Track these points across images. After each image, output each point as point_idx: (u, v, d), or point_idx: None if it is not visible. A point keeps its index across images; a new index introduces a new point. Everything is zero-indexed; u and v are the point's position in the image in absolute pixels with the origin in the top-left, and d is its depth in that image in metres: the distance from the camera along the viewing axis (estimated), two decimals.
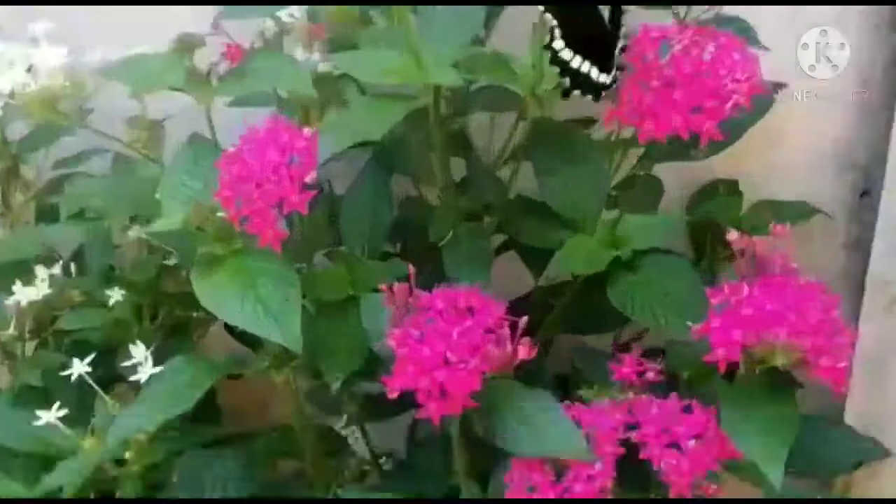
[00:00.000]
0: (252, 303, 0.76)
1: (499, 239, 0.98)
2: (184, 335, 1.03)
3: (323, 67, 0.89)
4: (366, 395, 0.98)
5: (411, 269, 0.76)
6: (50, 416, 0.85)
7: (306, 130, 0.78)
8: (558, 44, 0.77)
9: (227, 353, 1.07)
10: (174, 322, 1.02)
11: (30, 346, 1.01)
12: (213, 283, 0.77)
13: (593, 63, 0.77)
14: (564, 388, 0.97)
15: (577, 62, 0.77)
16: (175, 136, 0.95)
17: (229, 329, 1.07)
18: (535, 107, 0.84)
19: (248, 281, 0.77)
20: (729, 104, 0.74)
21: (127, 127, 0.96)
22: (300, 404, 0.94)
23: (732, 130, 0.90)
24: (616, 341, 1.06)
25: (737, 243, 0.75)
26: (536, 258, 1.00)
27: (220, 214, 0.80)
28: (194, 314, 1.02)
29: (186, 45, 0.86)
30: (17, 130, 1.02)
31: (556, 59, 0.77)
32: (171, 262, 1.00)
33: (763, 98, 0.85)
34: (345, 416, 1.04)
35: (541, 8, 0.76)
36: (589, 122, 0.99)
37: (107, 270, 1.00)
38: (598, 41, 0.77)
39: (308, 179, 0.77)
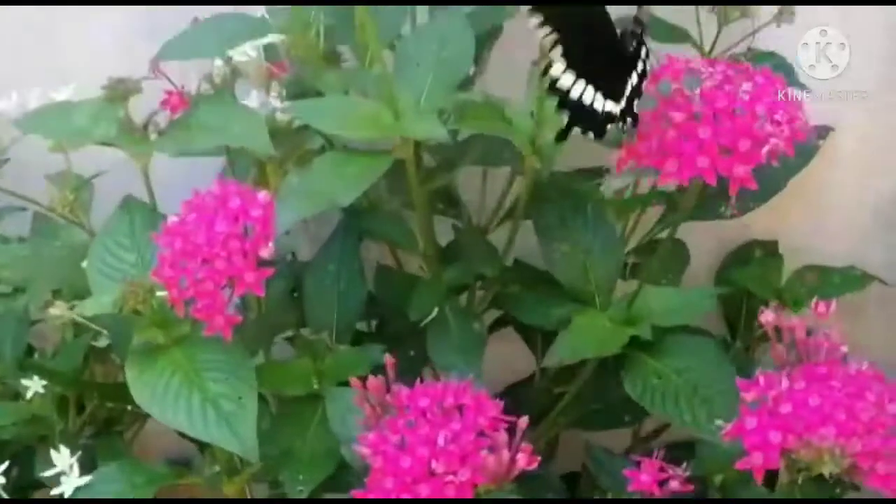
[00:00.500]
0: (199, 403, 0.76)
1: (494, 312, 0.99)
2: (116, 433, 1.02)
3: (282, 115, 0.90)
4: None
5: (389, 359, 0.76)
6: None
7: (262, 195, 0.79)
8: (557, 67, 0.76)
9: (167, 453, 1.08)
10: (105, 416, 1.02)
11: None
12: (152, 377, 0.78)
13: (599, 88, 0.76)
14: (574, 488, 0.98)
15: (578, 89, 0.77)
16: (106, 195, 0.95)
17: None
18: (534, 160, 0.85)
19: (195, 376, 0.77)
20: (766, 148, 0.74)
21: (48, 185, 0.96)
22: None
23: (770, 182, 0.91)
24: (635, 434, 1.07)
25: (774, 323, 0.75)
26: (538, 337, 1.01)
27: (160, 294, 0.80)
28: (128, 407, 1.03)
29: (119, 91, 0.86)
30: None
31: (553, 88, 0.77)
32: (102, 343, 1.00)
33: (806, 146, 0.86)
34: None
35: (534, 21, 0.75)
36: (599, 172, 1.00)
37: (23, 355, 0.99)
38: (607, 61, 0.77)
39: (264, 254, 0.77)
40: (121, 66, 0.88)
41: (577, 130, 0.78)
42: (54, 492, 0.83)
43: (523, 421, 0.74)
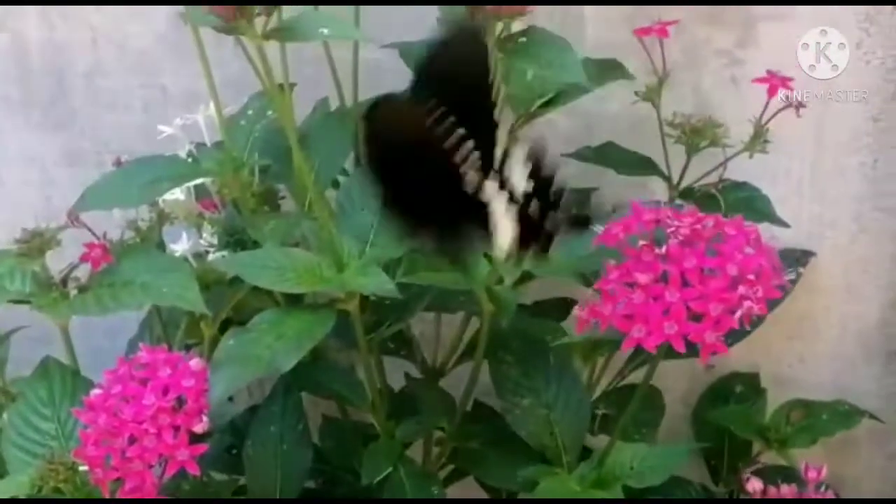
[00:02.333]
0: None
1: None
2: None
3: (215, 261, 0.88)
4: None
5: None
6: None
7: (194, 363, 0.78)
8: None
9: None
10: None
11: None
12: None
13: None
14: None
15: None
16: (23, 352, 0.95)
17: None
18: (491, 308, 0.84)
19: None
20: (739, 313, 0.74)
21: None
22: None
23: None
24: None
25: (761, 493, 0.75)
26: (501, 491, 1.00)
27: (83, 469, 0.78)
28: None
29: (35, 244, 0.85)
30: None
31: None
32: None
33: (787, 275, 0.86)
34: None
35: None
36: (564, 304, 0.99)
37: None
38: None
39: (199, 428, 0.76)
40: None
41: None
42: None
43: None
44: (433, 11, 0.87)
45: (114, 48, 1.08)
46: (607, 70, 0.91)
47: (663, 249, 0.74)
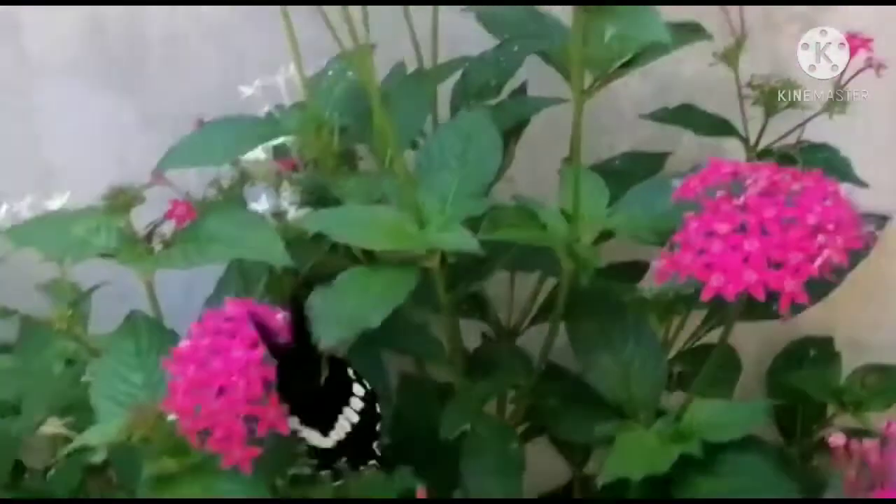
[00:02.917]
0: None
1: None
2: None
3: (295, 220, 0.91)
4: None
5: (421, 491, 0.77)
6: None
7: (280, 317, 0.79)
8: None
9: None
10: None
11: None
12: None
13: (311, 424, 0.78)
14: None
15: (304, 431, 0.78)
16: (104, 307, 0.98)
17: None
18: (572, 266, 0.86)
19: None
20: (818, 261, 0.75)
21: (49, 297, 0.97)
22: None
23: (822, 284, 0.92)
24: None
25: (843, 449, 0.76)
26: (576, 449, 1.02)
27: (171, 418, 0.81)
28: None
29: (120, 200, 0.88)
30: None
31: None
32: (98, 459, 1.01)
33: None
34: None
35: None
36: (638, 268, 1.01)
37: (11, 476, 1.01)
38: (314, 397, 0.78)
39: None
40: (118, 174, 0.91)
41: None
42: None
43: None
44: None
45: (191, 14, 1.11)
46: (686, 32, 0.92)
47: (741, 200, 0.76)
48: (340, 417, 0.77)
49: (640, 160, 1.03)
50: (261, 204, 0.92)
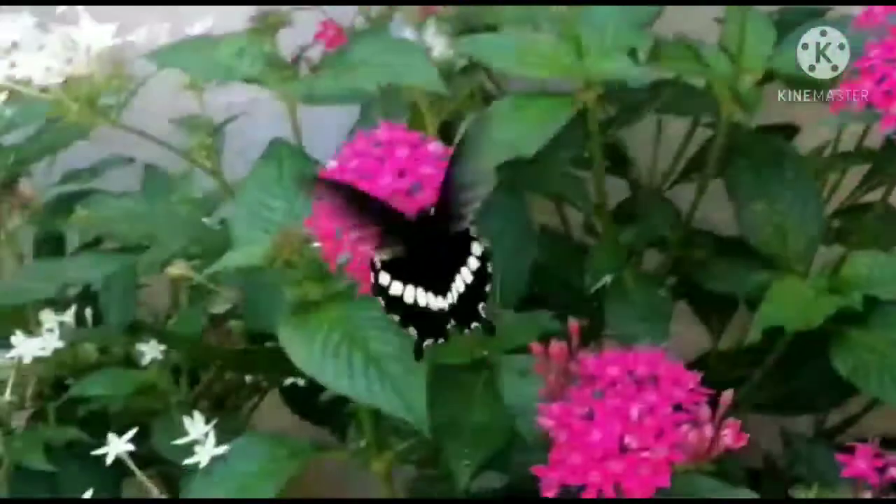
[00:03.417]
0: (362, 363, 0.76)
1: None
2: (233, 409, 1.05)
3: (440, 55, 0.90)
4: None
5: (574, 324, 0.76)
6: None
7: (433, 146, 0.76)
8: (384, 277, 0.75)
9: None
10: (220, 391, 1.04)
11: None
12: (308, 335, 0.77)
13: (424, 286, 0.75)
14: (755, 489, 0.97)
15: (409, 293, 0.75)
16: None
17: (288, 400, 1.09)
18: (733, 108, 0.84)
19: (356, 334, 0.77)
20: None
21: (186, 130, 0.97)
22: None
23: None
24: (819, 427, 1.06)
25: None
26: (716, 313, 1.00)
27: (314, 245, 0.80)
28: (247, 381, 1.04)
29: (267, 23, 0.87)
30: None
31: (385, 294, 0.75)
32: (220, 309, 1.02)
33: None
34: None
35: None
36: (789, 129, 0.99)
37: (130, 321, 1.01)
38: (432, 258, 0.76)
39: None
40: None
41: None
42: (187, 462, 0.84)
43: (728, 395, 0.73)
44: None
45: None
46: None
47: None
48: (458, 277, 0.75)
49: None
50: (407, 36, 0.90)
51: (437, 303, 0.75)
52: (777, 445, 0.99)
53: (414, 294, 0.75)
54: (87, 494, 0.85)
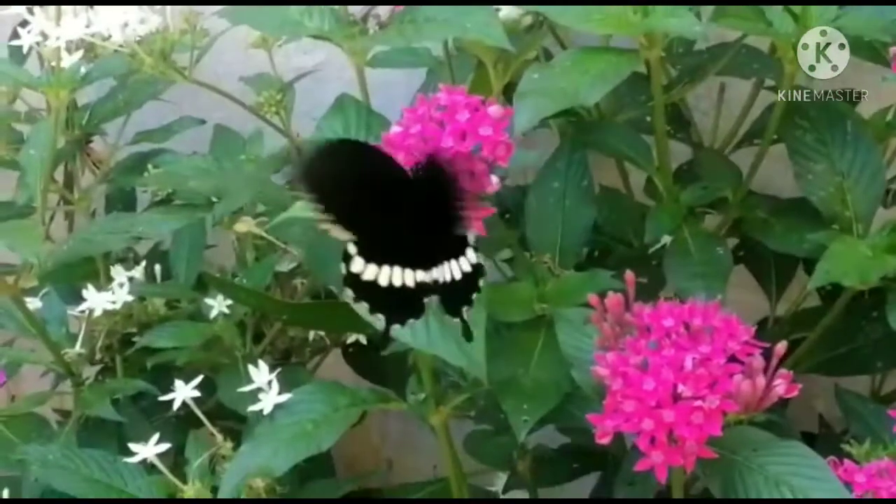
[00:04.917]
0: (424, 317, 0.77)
1: None
2: (297, 363, 1.07)
3: (507, 14, 0.91)
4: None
5: (630, 276, 0.78)
6: (148, 451, 0.87)
7: (494, 109, 0.78)
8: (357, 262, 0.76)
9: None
10: (284, 346, 1.07)
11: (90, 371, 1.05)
12: None
13: (403, 263, 0.76)
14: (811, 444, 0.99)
15: (385, 274, 0.76)
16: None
17: (349, 358, 1.11)
18: (796, 69, 0.86)
19: None
20: None
21: (256, 88, 1.00)
22: (456, 457, 0.96)
23: None
24: (875, 391, 1.08)
25: None
26: (775, 275, 1.02)
27: None
28: (311, 336, 1.06)
29: None
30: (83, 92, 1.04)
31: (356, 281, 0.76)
32: (285, 267, 1.04)
33: None
34: (505, 477, 1.06)
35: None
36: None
37: (198, 276, 1.04)
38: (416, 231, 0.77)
39: (491, 188, 0.78)
40: None
41: None
42: (251, 409, 0.86)
43: (781, 346, 0.75)
44: None
45: None
46: None
47: None
48: (447, 263, 0.76)
49: None
50: None
51: (420, 276, 0.76)
52: (833, 411, 1.01)
53: (389, 274, 0.75)
54: (153, 442, 0.88)
